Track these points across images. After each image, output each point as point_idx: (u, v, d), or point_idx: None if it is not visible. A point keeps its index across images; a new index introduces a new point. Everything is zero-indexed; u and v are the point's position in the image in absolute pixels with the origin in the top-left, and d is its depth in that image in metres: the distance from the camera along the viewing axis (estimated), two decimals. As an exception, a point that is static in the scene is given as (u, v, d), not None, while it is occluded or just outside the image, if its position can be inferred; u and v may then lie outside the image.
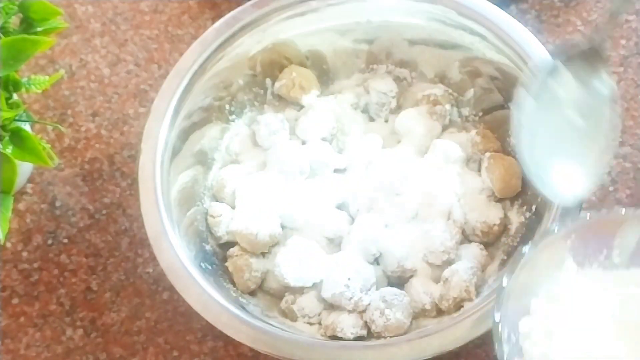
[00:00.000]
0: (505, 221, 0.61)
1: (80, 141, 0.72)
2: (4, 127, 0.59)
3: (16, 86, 0.60)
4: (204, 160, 0.65)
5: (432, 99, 0.65)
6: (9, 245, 0.67)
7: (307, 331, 0.58)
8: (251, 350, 0.62)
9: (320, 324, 0.59)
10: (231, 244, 0.62)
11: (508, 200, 0.62)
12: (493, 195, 0.62)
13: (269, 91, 0.68)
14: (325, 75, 0.69)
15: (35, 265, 0.67)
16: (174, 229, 0.57)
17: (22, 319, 0.65)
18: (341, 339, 0.57)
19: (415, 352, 0.52)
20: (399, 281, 0.60)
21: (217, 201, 0.64)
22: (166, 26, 0.76)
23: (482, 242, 0.61)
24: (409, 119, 0.65)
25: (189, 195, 0.63)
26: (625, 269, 0.52)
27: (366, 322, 0.58)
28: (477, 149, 0.63)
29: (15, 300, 0.66)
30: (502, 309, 0.49)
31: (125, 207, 0.68)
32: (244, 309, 0.57)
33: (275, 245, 0.61)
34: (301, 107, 0.67)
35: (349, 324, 0.57)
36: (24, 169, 0.68)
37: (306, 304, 0.59)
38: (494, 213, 0.61)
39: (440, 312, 0.58)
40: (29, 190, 0.70)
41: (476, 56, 0.64)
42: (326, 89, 0.68)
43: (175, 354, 0.63)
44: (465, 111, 0.66)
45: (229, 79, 0.65)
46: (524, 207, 0.61)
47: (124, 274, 0.66)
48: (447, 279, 0.58)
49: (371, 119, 0.68)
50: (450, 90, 0.66)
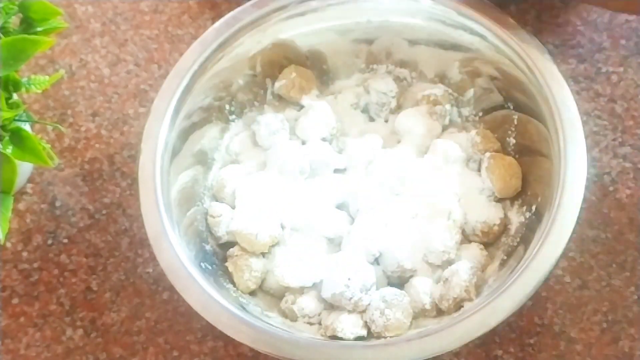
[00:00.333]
0: (505, 221, 0.61)
1: (80, 141, 0.72)
2: (4, 127, 0.59)
3: (16, 86, 0.60)
4: (204, 160, 0.65)
5: (432, 99, 0.65)
6: (9, 245, 0.67)
7: (307, 331, 0.58)
8: (251, 350, 0.62)
9: (320, 324, 0.59)
10: (231, 244, 0.62)
11: (508, 200, 0.62)
12: (493, 195, 0.62)
13: (269, 91, 0.68)
14: (325, 75, 0.69)
15: (35, 265, 0.67)
16: (174, 229, 0.57)
17: (22, 319, 0.65)
18: (341, 339, 0.57)
19: (415, 352, 0.52)
20: (399, 281, 0.60)
21: (217, 201, 0.64)
22: (166, 26, 0.76)
23: (482, 242, 0.61)
24: (409, 119, 0.65)
25: (189, 195, 0.63)
26: None
27: (366, 322, 0.58)
28: (477, 149, 0.63)
29: (15, 300, 0.66)
30: None
31: (125, 207, 0.68)
32: (244, 309, 0.57)
33: (275, 245, 0.61)
34: (301, 107, 0.67)
35: (349, 324, 0.57)
36: (24, 169, 0.68)
37: (306, 304, 0.59)
38: (494, 213, 0.61)
39: (440, 312, 0.58)
40: (29, 190, 0.70)
41: (476, 56, 0.64)
42: (326, 89, 0.68)
43: (175, 354, 0.63)
44: (465, 111, 0.66)
45: (229, 79, 0.65)
46: (524, 207, 0.61)
47: (124, 274, 0.66)
48: (447, 279, 0.58)
49: (371, 119, 0.68)
50: (450, 90, 0.66)
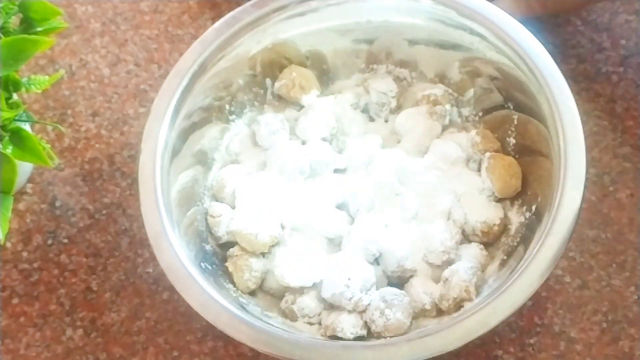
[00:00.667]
0: (505, 221, 0.61)
1: (80, 141, 0.72)
2: (4, 127, 0.59)
3: (16, 86, 0.60)
4: (204, 160, 0.65)
5: (432, 99, 0.65)
6: (9, 245, 0.67)
7: (307, 331, 0.58)
8: (251, 350, 0.62)
9: (320, 324, 0.59)
10: (231, 244, 0.62)
11: (508, 200, 0.62)
12: (493, 195, 0.62)
13: (269, 91, 0.68)
14: (325, 75, 0.69)
15: (35, 265, 0.67)
16: (174, 229, 0.57)
17: (22, 319, 0.65)
18: (341, 339, 0.57)
19: (415, 352, 0.52)
20: (399, 281, 0.60)
21: (217, 201, 0.64)
22: (166, 26, 0.76)
23: (482, 242, 0.61)
24: (409, 119, 0.65)
25: (189, 195, 0.63)
26: None
27: (366, 322, 0.58)
28: (477, 149, 0.63)
29: (15, 300, 0.66)
30: None
31: (125, 207, 0.69)
32: (244, 309, 0.57)
33: (275, 245, 0.61)
34: (301, 107, 0.67)
35: (349, 324, 0.57)
36: (24, 169, 0.68)
37: (306, 304, 0.59)
38: (494, 213, 0.61)
39: (440, 312, 0.58)
40: (29, 190, 0.70)
41: (476, 56, 0.64)
42: (326, 89, 0.68)
43: (175, 354, 0.63)
44: (465, 111, 0.66)
45: (229, 79, 0.65)
46: (524, 207, 0.61)
47: (124, 274, 0.66)
48: (447, 279, 0.58)
49: (371, 119, 0.68)
50: (450, 90, 0.66)
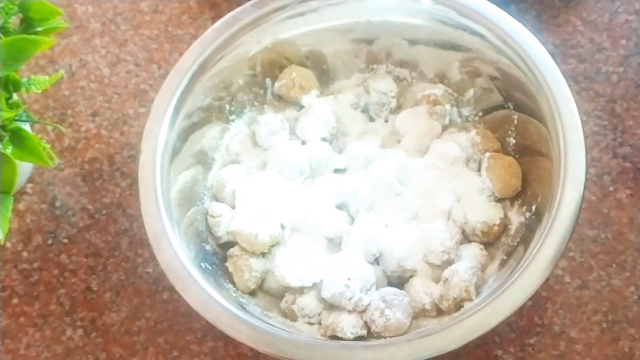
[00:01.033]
0: (505, 221, 0.61)
1: (80, 141, 0.72)
2: (4, 127, 0.59)
3: (16, 86, 0.60)
4: (204, 160, 0.65)
5: (432, 99, 0.65)
6: (9, 245, 0.67)
7: (307, 331, 0.58)
8: (251, 350, 0.62)
9: (320, 324, 0.59)
10: (231, 244, 0.62)
11: (508, 200, 0.62)
12: (493, 195, 0.62)
13: (269, 91, 0.68)
14: (325, 75, 0.69)
15: (35, 265, 0.67)
16: (174, 229, 0.57)
17: (22, 319, 0.65)
18: (341, 339, 0.57)
19: (415, 352, 0.52)
20: (399, 281, 0.60)
21: (217, 201, 0.64)
22: (166, 26, 0.76)
23: (482, 242, 0.61)
24: (409, 119, 0.65)
25: (189, 195, 0.63)
26: None
27: (366, 322, 0.58)
28: (477, 149, 0.63)
29: (15, 300, 0.66)
30: None
31: (125, 207, 0.69)
32: (244, 309, 0.57)
33: (275, 245, 0.61)
34: (301, 107, 0.67)
35: (349, 324, 0.57)
36: (24, 169, 0.68)
37: (306, 304, 0.59)
38: (494, 213, 0.61)
39: (440, 312, 0.58)
40: (29, 190, 0.70)
41: (476, 56, 0.64)
42: (326, 89, 0.68)
43: (175, 354, 0.63)
44: (465, 111, 0.66)
45: (229, 79, 0.65)
46: (524, 207, 0.61)
47: (124, 274, 0.66)
48: (447, 279, 0.58)
49: (371, 119, 0.68)
50: (450, 90, 0.66)
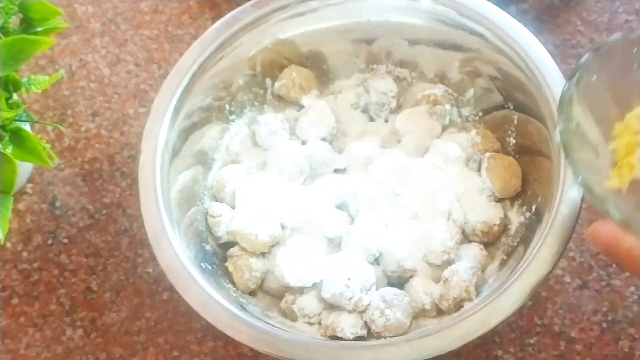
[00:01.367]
0: (505, 221, 0.61)
1: (80, 141, 0.72)
2: (4, 127, 0.59)
3: (16, 86, 0.60)
4: (204, 160, 0.65)
5: (432, 99, 0.65)
6: (9, 245, 0.67)
7: (307, 331, 0.58)
8: (251, 350, 0.62)
9: (320, 324, 0.59)
10: (231, 244, 0.62)
11: (508, 200, 0.62)
12: (493, 195, 0.62)
13: (269, 91, 0.68)
14: (325, 75, 0.69)
15: (35, 265, 0.67)
16: (174, 229, 0.57)
17: (22, 319, 0.65)
18: (341, 339, 0.57)
19: (415, 352, 0.52)
20: (399, 281, 0.60)
21: (217, 201, 0.64)
22: (166, 26, 0.76)
23: (482, 242, 0.61)
24: (409, 119, 0.65)
25: (189, 195, 0.63)
26: None
27: (366, 322, 0.58)
28: (477, 149, 0.63)
29: (15, 300, 0.66)
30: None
31: (125, 207, 0.69)
32: (244, 309, 0.57)
33: (275, 245, 0.61)
34: (301, 107, 0.67)
35: (349, 324, 0.57)
36: (24, 169, 0.68)
37: (306, 304, 0.59)
38: (494, 213, 0.61)
39: (440, 312, 0.58)
40: (29, 190, 0.70)
41: (476, 56, 0.64)
42: (326, 89, 0.68)
43: (175, 354, 0.63)
44: (465, 111, 0.66)
45: (229, 79, 0.65)
46: (524, 207, 0.61)
47: (124, 274, 0.66)
48: (447, 279, 0.58)
49: (371, 119, 0.68)
50: (450, 90, 0.66)
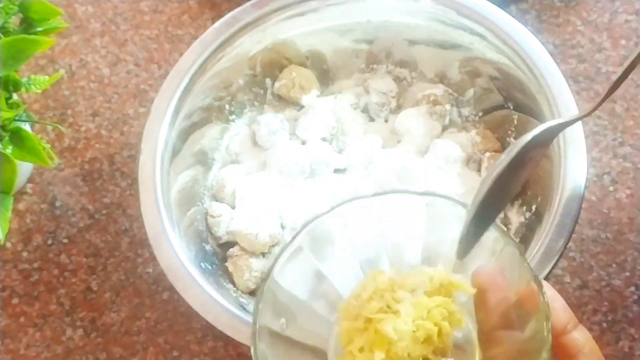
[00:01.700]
0: (505, 221, 0.61)
1: (80, 141, 0.72)
2: (4, 127, 0.59)
3: (16, 86, 0.60)
4: (204, 160, 0.65)
5: (432, 99, 0.65)
6: (9, 245, 0.67)
7: (307, 331, 0.58)
8: (251, 350, 0.62)
9: (320, 324, 0.59)
10: (231, 244, 0.62)
11: (508, 200, 0.62)
12: (493, 195, 0.62)
13: (269, 91, 0.68)
14: (325, 75, 0.69)
15: (35, 265, 0.67)
16: (174, 229, 0.57)
17: (22, 319, 0.65)
18: (341, 339, 0.57)
19: (415, 352, 0.52)
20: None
21: (217, 201, 0.64)
22: (166, 26, 0.76)
23: (482, 242, 0.61)
24: (409, 119, 0.65)
25: (189, 195, 0.63)
26: None
27: (366, 322, 0.58)
28: (477, 149, 0.63)
29: (15, 300, 0.66)
30: None
31: (125, 207, 0.68)
32: (244, 309, 0.57)
33: (275, 245, 0.61)
34: (301, 107, 0.67)
35: (349, 324, 0.57)
36: (24, 169, 0.68)
37: (306, 304, 0.59)
38: (494, 213, 0.61)
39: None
40: (29, 190, 0.70)
41: (476, 56, 0.64)
42: (326, 89, 0.68)
43: (175, 354, 0.63)
44: (465, 111, 0.66)
45: (229, 79, 0.65)
46: (524, 207, 0.61)
47: (124, 274, 0.66)
48: (447, 279, 0.58)
49: (371, 119, 0.68)
50: (450, 90, 0.66)
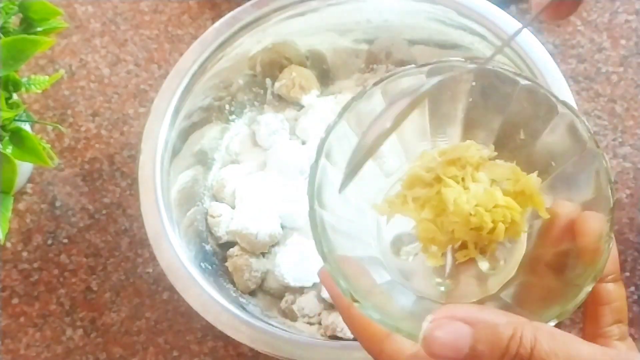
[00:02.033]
0: (505, 221, 0.61)
1: (80, 141, 0.72)
2: (4, 127, 0.59)
3: (16, 86, 0.60)
4: (204, 160, 0.65)
5: (432, 99, 0.65)
6: (9, 245, 0.67)
7: (307, 331, 0.58)
8: (251, 350, 0.62)
9: (320, 324, 0.59)
10: (231, 244, 0.62)
11: (508, 200, 0.62)
12: (493, 195, 0.62)
13: (269, 91, 0.68)
14: (325, 75, 0.69)
15: (35, 265, 0.67)
16: (174, 229, 0.57)
17: (22, 319, 0.65)
18: (341, 339, 0.57)
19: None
20: (399, 281, 0.60)
21: (217, 201, 0.64)
22: (166, 26, 0.76)
23: (482, 242, 0.61)
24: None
25: (189, 195, 0.63)
26: None
27: (366, 322, 0.58)
28: (477, 149, 0.63)
29: (15, 300, 0.66)
30: None
31: (125, 207, 0.68)
32: (244, 309, 0.57)
33: (275, 245, 0.61)
34: (301, 107, 0.67)
35: (349, 324, 0.57)
36: (24, 169, 0.68)
37: (306, 304, 0.59)
38: (494, 213, 0.61)
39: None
40: (29, 190, 0.70)
41: (476, 56, 0.64)
42: (326, 89, 0.68)
43: (175, 354, 0.63)
44: (465, 111, 0.66)
45: (229, 79, 0.65)
46: (524, 207, 0.61)
47: (124, 274, 0.66)
48: (447, 279, 0.58)
49: (371, 119, 0.68)
50: (450, 90, 0.66)
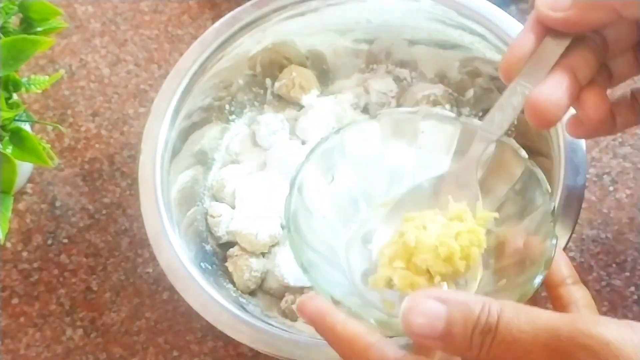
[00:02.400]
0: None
1: (80, 141, 0.72)
2: (4, 127, 0.59)
3: (16, 86, 0.60)
4: (204, 160, 0.65)
5: (432, 99, 0.65)
6: (9, 245, 0.67)
7: (307, 331, 0.58)
8: (251, 350, 0.62)
9: (320, 324, 0.59)
10: (231, 244, 0.62)
11: (508, 200, 0.62)
12: (493, 195, 0.62)
13: (269, 91, 0.68)
14: (325, 75, 0.69)
15: (35, 265, 0.67)
16: (174, 229, 0.57)
17: (22, 319, 0.65)
18: (341, 339, 0.57)
19: (415, 352, 0.52)
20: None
21: (217, 201, 0.64)
22: (166, 26, 0.76)
23: (482, 242, 0.60)
24: (408, 119, 0.65)
25: (189, 195, 0.63)
26: None
27: (366, 322, 0.58)
28: (477, 148, 0.63)
29: (15, 300, 0.66)
30: None
31: (125, 207, 0.69)
32: (244, 309, 0.57)
33: (275, 245, 0.61)
34: (301, 107, 0.67)
35: (349, 324, 0.57)
36: (24, 169, 0.68)
37: (306, 304, 0.59)
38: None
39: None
40: (29, 190, 0.70)
41: (476, 56, 0.64)
42: (326, 89, 0.68)
43: (175, 354, 0.63)
44: (465, 111, 0.66)
45: (229, 79, 0.65)
46: (524, 207, 0.61)
47: (124, 274, 0.66)
48: (447, 279, 0.58)
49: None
50: (450, 90, 0.66)
